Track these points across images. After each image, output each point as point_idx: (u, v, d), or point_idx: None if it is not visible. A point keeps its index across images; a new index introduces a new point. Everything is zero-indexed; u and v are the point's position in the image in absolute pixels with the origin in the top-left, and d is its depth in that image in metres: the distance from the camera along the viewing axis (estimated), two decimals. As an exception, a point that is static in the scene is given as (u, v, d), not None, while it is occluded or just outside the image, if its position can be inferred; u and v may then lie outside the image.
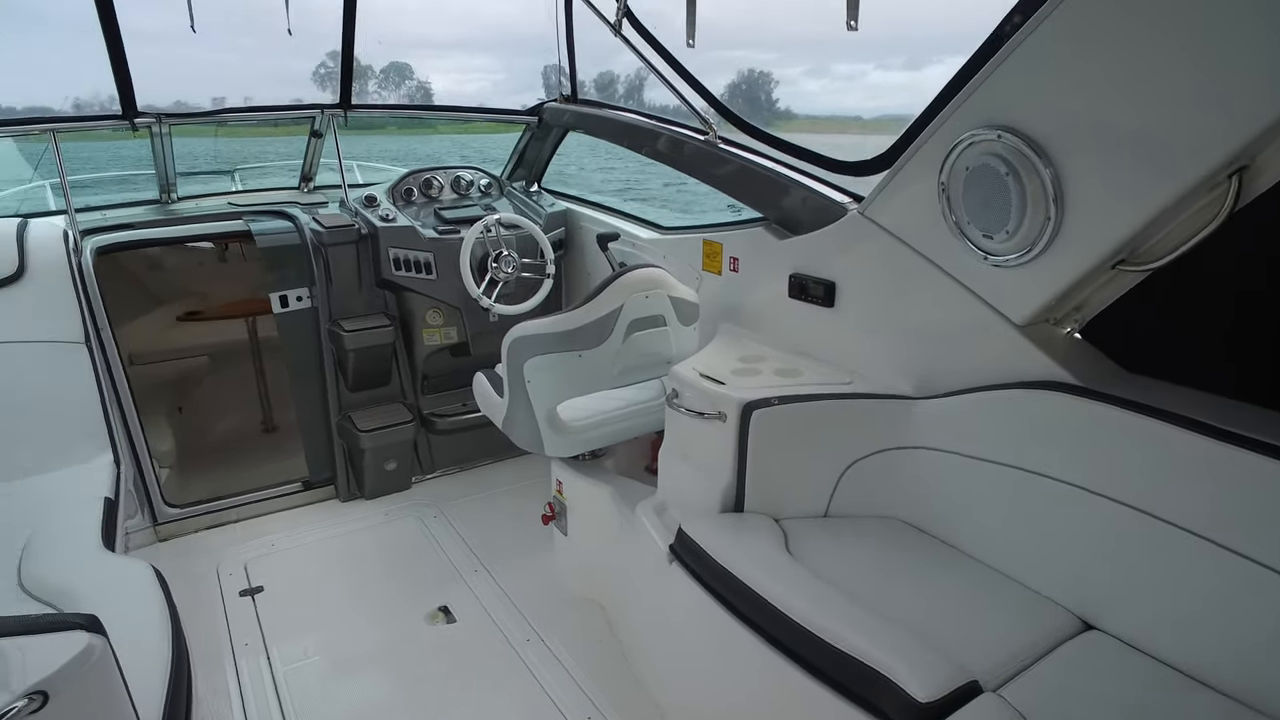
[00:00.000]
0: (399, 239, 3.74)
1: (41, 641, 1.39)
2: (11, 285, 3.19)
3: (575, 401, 2.85)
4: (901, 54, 58.50)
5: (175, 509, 3.61)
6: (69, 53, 6.01)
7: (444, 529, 3.63)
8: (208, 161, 5.96)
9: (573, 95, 4.07)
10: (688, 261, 3.34)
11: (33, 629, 1.40)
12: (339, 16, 3.70)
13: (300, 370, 3.81)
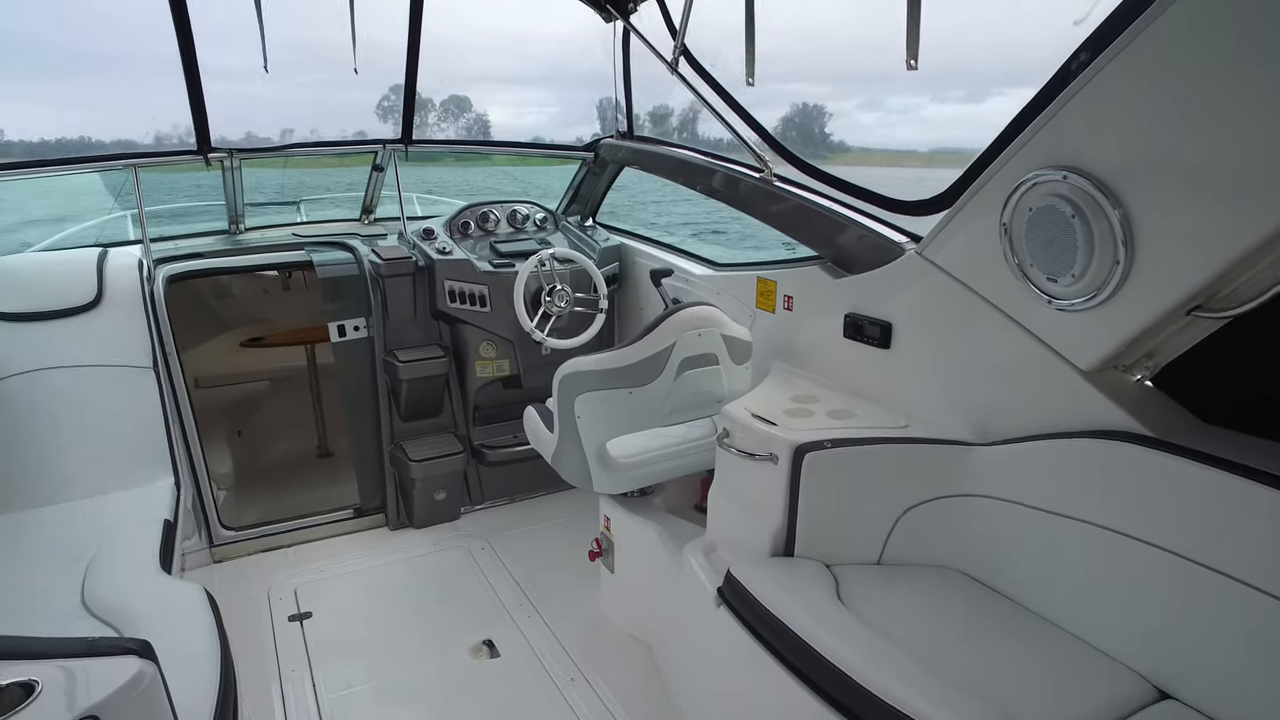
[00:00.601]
0: (455, 271, 3.80)
1: (97, 665, 1.42)
2: (90, 311, 3.32)
3: (625, 438, 2.83)
4: (960, 86, 57.63)
5: (231, 531, 3.69)
6: (153, 90, 6.34)
7: (491, 561, 3.63)
8: (276, 191, 6.16)
9: (629, 132, 4.11)
10: (741, 299, 3.32)
11: (89, 652, 1.43)
12: (403, 52, 3.82)
13: (355, 399, 3.87)
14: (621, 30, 3.91)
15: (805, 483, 2.19)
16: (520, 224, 4.32)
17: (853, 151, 13.94)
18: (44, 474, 3.07)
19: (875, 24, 3.60)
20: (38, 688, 1.33)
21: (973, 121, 25.39)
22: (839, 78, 18.11)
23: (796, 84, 6.72)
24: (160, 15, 3.31)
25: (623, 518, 2.97)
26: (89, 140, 4.98)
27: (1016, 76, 35.74)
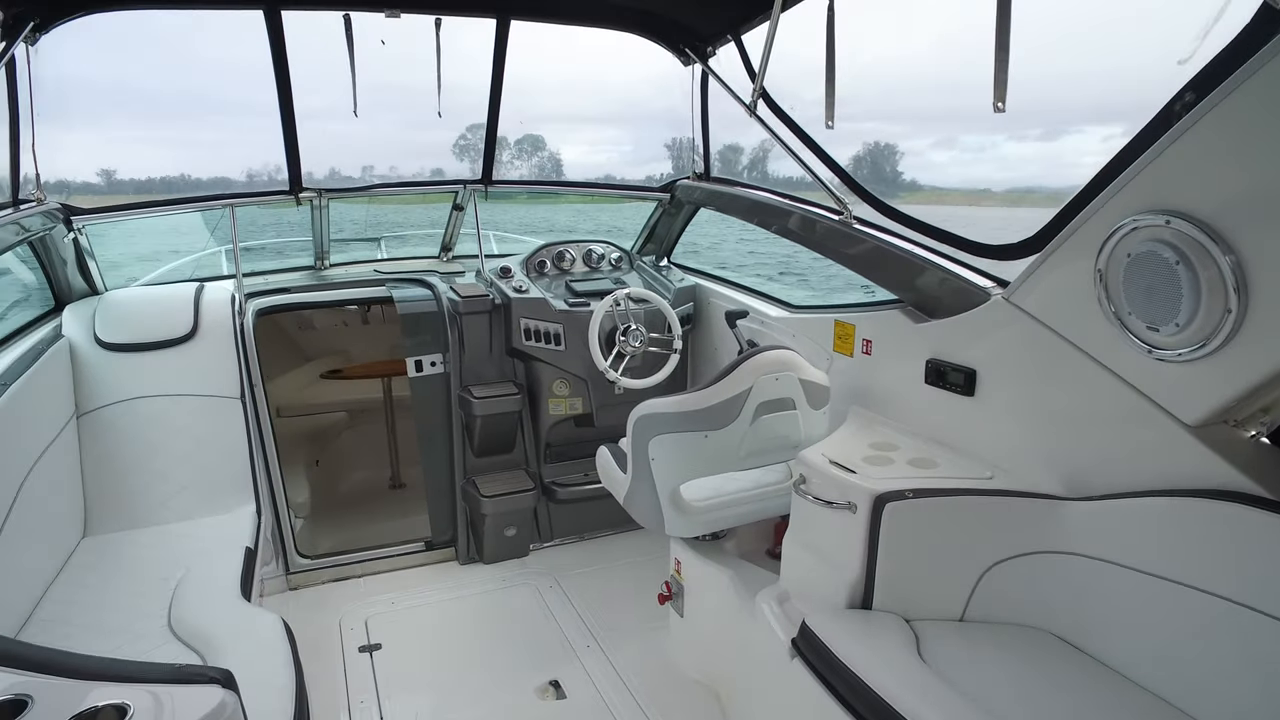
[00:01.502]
0: (531, 310, 3.86)
1: (183, 692, 1.45)
2: (186, 343, 3.48)
3: (699, 481, 2.80)
4: (1037, 124, 56.12)
5: (306, 560, 3.77)
6: (247, 131, 6.71)
7: (559, 600, 3.61)
8: (358, 227, 6.41)
9: (705, 173, 4.14)
10: (818, 341, 3.27)
11: (176, 679, 1.47)
12: (480, 93, 3.93)
13: (429, 433, 3.94)
14: (700, 73, 3.96)
15: (885, 533, 2.12)
16: (595, 263, 4.37)
17: (925, 190, 13.79)
18: (138, 498, 3.21)
19: (950, 64, 3.56)
20: (129, 712, 1.37)
21: (1050, 160, 24.83)
22: (912, 116, 17.97)
23: (869, 123, 6.68)
24: (260, 64, 3.51)
25: (694, 561, 2.93)
26: (188, 178, 5.35)
27: (1097, 115, 34.59)
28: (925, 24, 8.06)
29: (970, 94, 2.13)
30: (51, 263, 3.50)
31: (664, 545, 3.14)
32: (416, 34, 3.58)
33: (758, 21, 3.34)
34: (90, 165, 4.40)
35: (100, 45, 3.24)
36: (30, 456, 2.71)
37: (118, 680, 1.47)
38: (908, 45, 13.30)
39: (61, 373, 3.19)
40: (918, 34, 12.12)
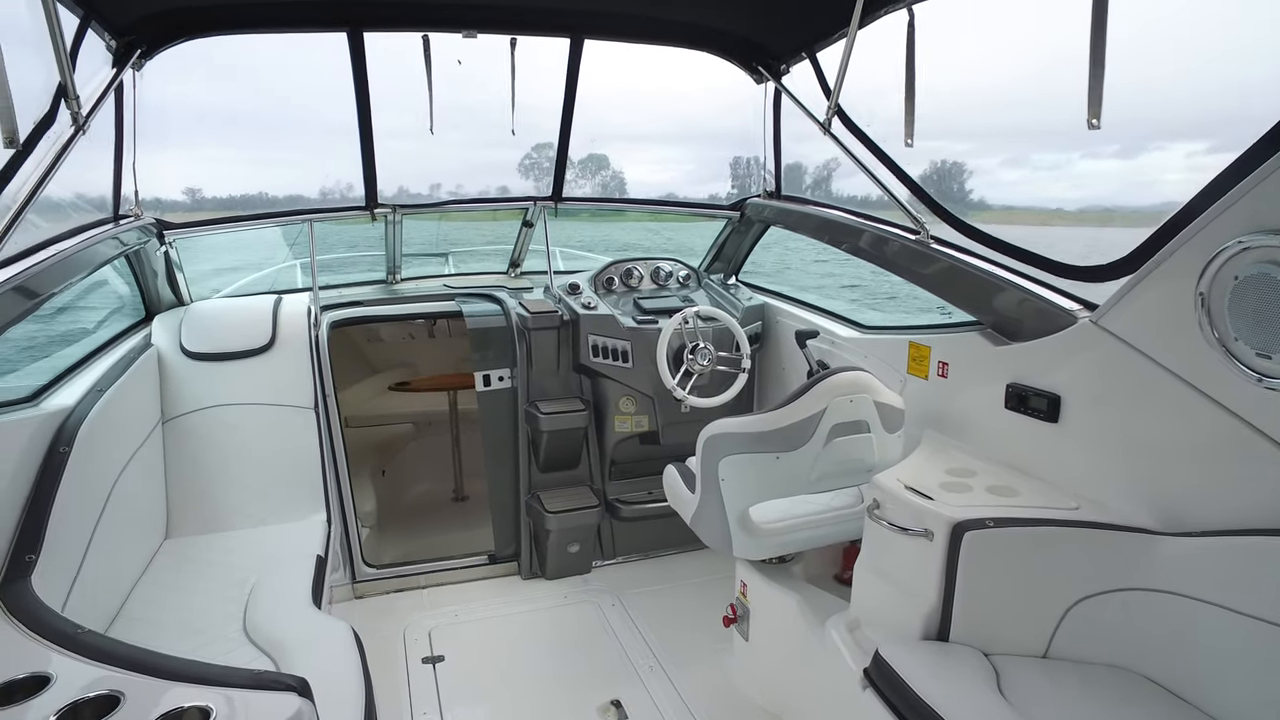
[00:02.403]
0: (599, 326, 3.87)
1: (260, 698, 1.48)
2: (264, 354, 3.59)
3: (768, 503, 2.75)
4: (1115, 140, 52.35)
5: (372, 569, 3.83)
6: (322, 150, 6.93)
7: (621, 618, 3.59)
8: (429, 242, 6.54)
9: (776, 191, 4.11)
10: (891, 363, 3.20)
11: (255, 684, 1.50)
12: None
13: (495, 447, 3.97)
14: (773, 91, 3.94)
15: (964, 563, 2.05)
16: (663, 281, 4.37)
17: (994, 210, 13.44)
18: (216, 503, 3.31)
19: (1023, 79, 3.47)
20: (212, 714, 1.41)
21: (1129, 178, 23.59)
22: (982, 133, 17.39)
23: (936, 140, 6.57)
24: (334, 85, 3.63)
25: (760, 585, 2.88)
26: (266, 195, 5.56)
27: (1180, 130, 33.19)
28: (1001, 38, 7.89)
29: (1044, 110, 2.06)
30: (144, 274, 3.66)
31: (728, 567, 3.09)
32: (490, 54, 3.67)
33: (834, 39, 3.31)
34: (178, 183, 4.62)
35: (190, 71, 3.40)
36: (121, 459, 2.82)
37: (201, 683, 1.51)
38: (979, 60, 12.91)
39: (150, 380, 3.32)
40: (992, 48, 11.83)
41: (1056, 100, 2.49)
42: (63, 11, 2.44)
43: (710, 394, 3.80)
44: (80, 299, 3.90)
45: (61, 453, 2.36)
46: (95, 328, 3.63)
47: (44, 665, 1.60)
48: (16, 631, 1.76)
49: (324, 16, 3.39)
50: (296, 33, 3.48)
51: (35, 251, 2.45)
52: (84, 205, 3.06)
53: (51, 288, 2.40)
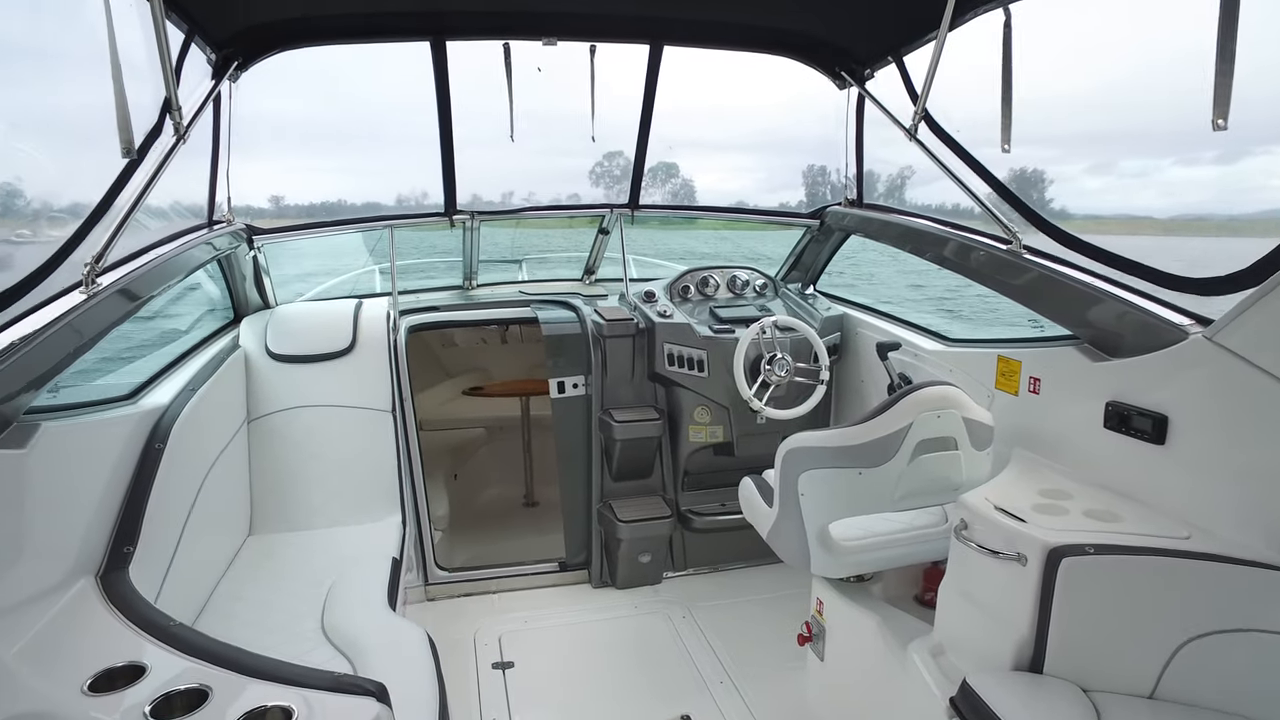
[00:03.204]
0: (675, 335, 3.84)
1: (340, 701, 1.49)
2: (345, 357, 3.68)
3: (849, 520, 2.67)
4: (1214, 146, 48.04)
5: (444, 572, 3.87)
6: (398, 158, 7.12)
7: (692, 631, 3.54)
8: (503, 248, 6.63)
9: (858, 199, 4.01)
10: (977, 377, 3.08)
11: (335, 687, 1.52)
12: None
13: (568, 455, 3.97)
14: (856, 97, 3.85)
15: (1061, 591, 1.93)
16: (740, 290, 4.31)
17: (1078, 219, 12.72)
18: (297, 502, 3.40)
19: (1110, 83, 3.30)
20: (294, 715, 1.42)
21: (1227, 184, 22.05)
22: (1065, 140, 16.73)
23: (1018, 148, 6.27)
24: (411, 95, 3.71)
25: (838, 603, 2.79)
26: (344, 203, 5.74)
27: (1287, 134, 31.39)
28: (1090, 40, 7.52)
29: (1136, 113, 1.93)
30: (234, 278, 3.79)
31: (803, 583, 3.02)
32: (565, 61, 3.69)
33: (921, 42, 3.22)
34: (263, 190, 4.84)
35: (274, 83, 3.52)
36: (210, 457, 2.92)
37: (284, 682, 1.53)
38: (1063, 63, 12.29)
39: (238, 380, 3.44)
40: (1078, 51, 11.25)
41: (1156, 102, 2.35)
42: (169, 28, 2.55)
43: (787, 406, 3.72)
44: (175, 301, 4.07)
45: (157, 449, 2.44)
46: (188, 329, 3.78)
47: (140, 655, 1.66)
48: (115, 620, 1.83)
49: (409, 27, 3.46)
50: (382, 43, 3.57)
51: (138, 255, 2.56)
52: (182, 212, 3.19)
53: (151, 290, 2.49)
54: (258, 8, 3.12)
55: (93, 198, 2.32)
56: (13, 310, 1.87)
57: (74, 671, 1.59)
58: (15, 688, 1.51)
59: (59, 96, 2.38)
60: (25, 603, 1.74)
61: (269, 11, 3.17)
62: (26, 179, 2.30)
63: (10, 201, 2.27)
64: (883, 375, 3.55)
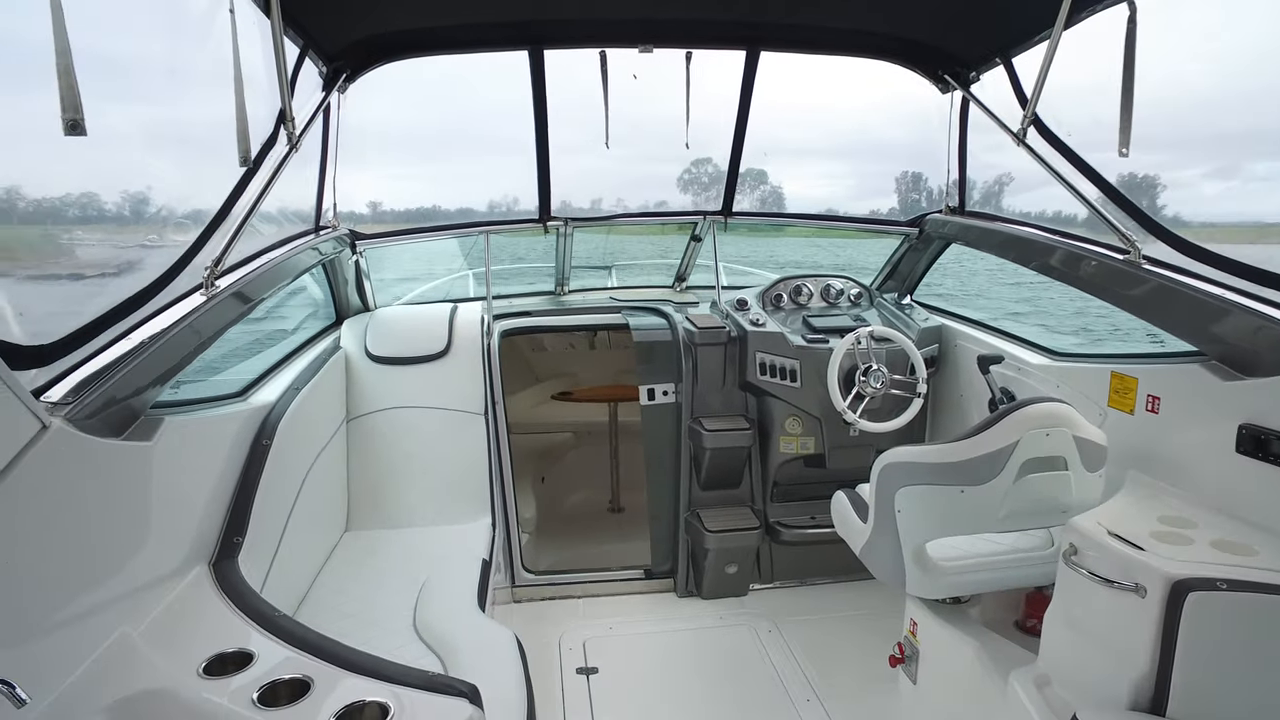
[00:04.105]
0: (767, 344, 3.78)
1: (434, 700, 1.52)
2: (440, 359, 3.77)
3: (948, 540, 2.57)
4: None
5: (531, 575, 3.91)
6: (491, 164, 7.28)
7: (778, 645, 3.48)
8: (594, 254, 6.69)
9: (960, 206, 3.87)
10: (1088, 394, 2.92)
11: (430, 686, 1.54)
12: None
13: (657, 462, 3.96)
14: (960, 101, 3.72)
15: (1188, 628, 1.80)
16: (834, 299, 4.22)
17: (1192, 227, 11.97)
18: (391, 501, 3.50)
19: (1233, 80, 3.08)
20: (391, 712, 1.45)
21: None
22: (1180, 143, 15.53)
23: (1095, 154, 5.87)
24: (504, 103, 3.77)
25: (933, 625, 2.68)
26: (439, 209, 5.93)
27: None
28: (1211, 36, 6.91)
29: (1263, 111, 1.77)
30: (336, 281, 3.94)
31: (895, 602, 2.91)
32: (658, 68, 3.69)
33: (1033, 42, 3.08)
34: (362, 197, 5.07)
35: (374, 94, 3.65)
36: (311, 454, 3.04)
37: (381, 679, 1.57)
38: (1179, 61, 11.33)
39: (338, 380, 3.57)
40: (1196, 47, 10.37)
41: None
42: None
43: (881, 418, 3.62)
44: (281, 304, 4.26)
45: (264, 445, 2.55)
46: (293, 330, 3.95)
47: (248, 642, 1.74)
48: (226, 607, 1.92)
49: (509, 37, 3.52)
50: (482, 52, 3.65)
51: (252, 259, 2.68)
52: (290, 217, 3.34)
53: (263, 293, 2.61)
54: (366, 22, 3.24)
55: (211, 205, 2.45)
56: (142, 311, 1.99)
57: (190, 654, 1.68)
58: (140, 664, 1.61)
59: (183, 110, 2.53)
60: (149, 585, 1.84)
61: (376, 25, 3.28)
62: (155, 188, 2.45)
63: (140, 209, 2.43)
64: (982, 389, 3.41)
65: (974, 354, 3.53)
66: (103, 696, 1.50)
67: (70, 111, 1.49)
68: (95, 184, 2.20)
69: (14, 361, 1.39)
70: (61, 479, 1.53)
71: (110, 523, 1.73)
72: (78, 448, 1.58)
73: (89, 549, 1.63)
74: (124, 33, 2.17)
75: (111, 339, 1.85)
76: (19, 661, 1.36)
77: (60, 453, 1.50)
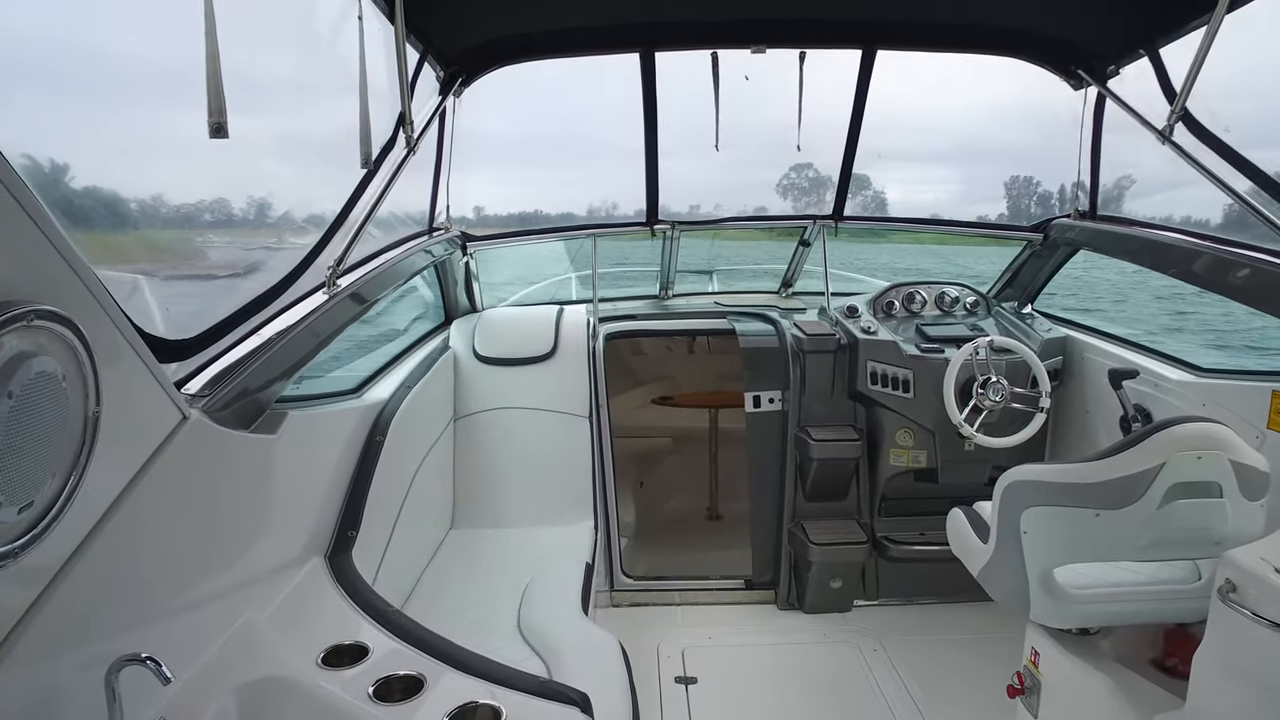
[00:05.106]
0: (879, 352, 3.65)
1: (545, 707, 1.50)
2: (546, 361, 3.79)
3: (1080, 566, 2.39)
4: None
5: (630, 579, 3.87)
6: (591, 169, 7.37)
7: (884, 667, 3.33)
8: (694, 260, 6.65)
9: (1091, 210, 3.63)
10: (1240, 414, 2.68)
11: (541, 692, 1.53)
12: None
13: (760, 470, 3.87)
14: (1094, 97, 3.49)
15: None
16: (949, 307, 4.04)
17: None
18: (496, 500, 3.54)
19: None
20: (503, 716, 1.44)
21: None
22: None
23: (1256, 151, 5.30)
24: (606, 109, 3.78)
25: (1058, 657, 2.50)
26: (540, 213, 6.05)
27: None
28: None
29: None
30: (447, 282, 4.02)
31: (1011, 627, 2.76)
32: (769, 69, 3.62)
33: (1184, 30, 2.86)
34: (468, 203, 5.25)
35: (483, 100, 3.70)
36: (421, 451, 3.09)
37: (492, 681, 1.56)
38: None
39: (447, 380, 3.63)
40: None
41: None
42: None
43: (999, 433, 3.42)
44: (393, 303, 4.39)
45: (377, 441, 2.61)
46: (404, 329, 4.05)
47: (362, 635, 1.76)
48: (342, 599, 1.96)
49: (621, 39, 3.52)
50: (594, 55, 3.65)
51: (369, 260, 2.75)
52: (404, 220, 3.43)
53: (380, 292, 2.67)
54: (482, 27, 3.29)
55: (330, 209, 2.53)
56: (270, 308, 2.06)
57: (309, 643, 1.72)
58: (264, 651, 1.66)
59: (307, 119, 2.64)
60: (271, 574, 1.90)
61: (492, 30, 3.34)
62: (278, 193, 2.57)
63: (266, 213, 2.54)
64: (1113, 406, 3.19)
65: (1103, 368, 3.31)
66: (231, 679, 1.55)
67: (215, 115, 1.55)
68: (227, 190, 2.32)
69: (160, 355, 1.45)
70: (197, 468, 1.58)
71: (238, 512, 1.79)
72: (212, 438, 1.63)
73: (219, 536, 1.69)
74: (255, 46, 2.27)
75: (242, 335, 1.92)
76: (160, 639, 1.42)
77: (197, 443, 1.56)
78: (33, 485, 1.10)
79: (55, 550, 1.20)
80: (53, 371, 1.11)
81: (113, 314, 1.26)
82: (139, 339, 1.35)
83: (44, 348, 1.09)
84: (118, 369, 1.29)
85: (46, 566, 1.19)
